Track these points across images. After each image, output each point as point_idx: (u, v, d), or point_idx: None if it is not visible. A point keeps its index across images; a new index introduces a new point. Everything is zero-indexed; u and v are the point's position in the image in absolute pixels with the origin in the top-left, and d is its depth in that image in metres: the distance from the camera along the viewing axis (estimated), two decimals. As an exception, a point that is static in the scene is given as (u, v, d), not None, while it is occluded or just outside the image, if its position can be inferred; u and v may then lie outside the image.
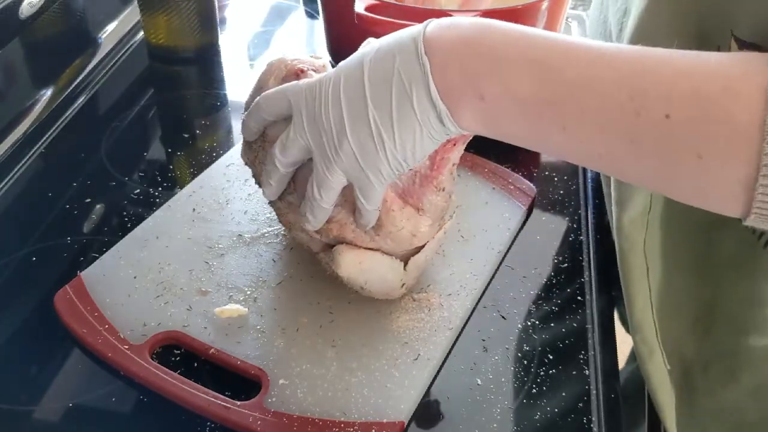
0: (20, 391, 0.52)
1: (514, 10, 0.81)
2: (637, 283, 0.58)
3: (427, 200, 0.53)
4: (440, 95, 0.42)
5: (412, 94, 0.42)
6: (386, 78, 0.43)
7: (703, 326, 0.54)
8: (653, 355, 0.58)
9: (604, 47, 0.39)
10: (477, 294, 0.60)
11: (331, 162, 0.46)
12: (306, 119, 0.46)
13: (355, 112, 0.44)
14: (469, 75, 0.41)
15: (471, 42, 0.41)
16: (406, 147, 0.44)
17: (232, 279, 0.60)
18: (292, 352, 0.54)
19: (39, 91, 0.85)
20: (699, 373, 0.56)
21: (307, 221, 0.51)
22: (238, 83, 0.92)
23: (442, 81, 0.41)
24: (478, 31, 0.41)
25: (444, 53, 0.41)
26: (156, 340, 0.54)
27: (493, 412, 0.52)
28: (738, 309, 0.52)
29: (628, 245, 0.57)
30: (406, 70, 0.42)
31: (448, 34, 0.42)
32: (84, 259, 0.63)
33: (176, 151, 0.79)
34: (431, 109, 0.42)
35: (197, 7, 0.91)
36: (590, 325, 0.60)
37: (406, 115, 0.43)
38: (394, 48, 0.43)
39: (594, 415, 0.52)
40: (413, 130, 0.43)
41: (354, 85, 0.44)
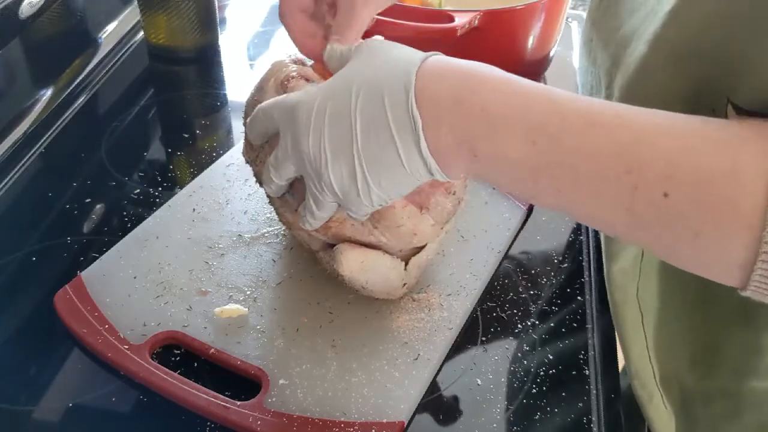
0: (20, 391, 0.52)
1: (513, 10, 0.81)
2: (633, 332, 0.57)
3: (435, 201, 0.52)
4: (431, 152, 0.41)
5: (402, 148, 0.41)
6: (375, 124, 0.41)
7: (703, 366, 0.54)
8: (653, 400, 0.58)
9: (603, 110, 0.38)
10: (477, 294, 0.60)
11: (320, 187, 0.45)
12: (290, 144, 0.45)
13: (336, 148, 0.43)
14: (462, 136, 0.40)
15: (464, 100, 0.39)
16: (390, 190, 0.43)
17: (232, 279, 0.60)
18: (292, 352, 0.54)
19: (39, 91, 0.85)
20: (700, 407, 0.55)
21: (305, 223, 0.51)
22: (238, 83, 0.92)
23: (434, 139, 0.40)
24: (472, 85, 0.40)
25: (436, 109, 0.40)
26: (156, 340, 0.54)
27: (493, 412, 0.52)
28: (739, 355, 0.51)
29: (621, 296, 0.57)
30: (397, 122, 0.40)
31: (440, 87, 0.40)
32: (84, 259, 0.63)
33: (176, 151, 0.79)
34: (421, 164, 0.41)
35: (197, 7, 0.91)
36: (590, 325, 0.60)
37: (394, 164, 0.42)
38: (385, 92, 0.41)
39: (594, 415, 0.53)
40: (400, 177, 0.42)
41: (340, 123, 0.42)
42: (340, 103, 0.42)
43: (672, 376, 0.57)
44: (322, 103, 0.43)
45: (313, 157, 0.44)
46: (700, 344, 0.54)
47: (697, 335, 0.54)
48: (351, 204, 0.45)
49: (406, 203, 0.52)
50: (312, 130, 0.43)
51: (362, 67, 0.43)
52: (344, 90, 0.43)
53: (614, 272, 0.57)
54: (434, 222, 0.53)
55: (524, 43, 0.84)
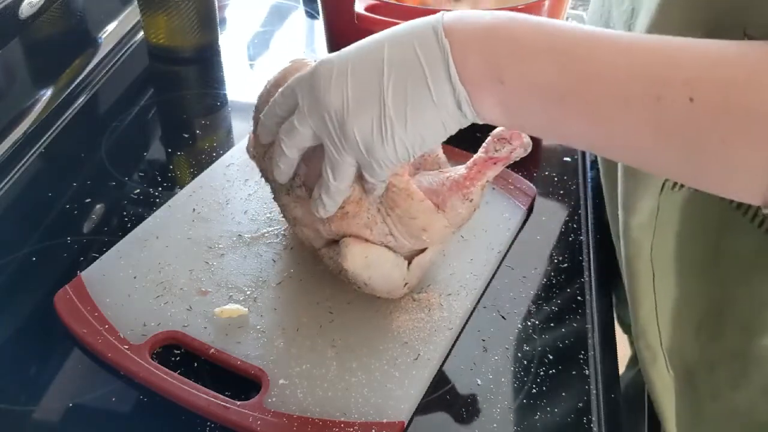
0: (20, 391, 0.52)
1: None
2: (643, 290, 0.57)
3: (452, 205, 0.53)
4: (460, 79, 0.41)
5: (431, 76, 0.41)
6: (404, 60, 0.42)
7: (708, 330, 0.54)
8: (656, 361, 0.58)
9: (627, 36, 0.39)
10: (477, 294, 0.60)
11: (340, 147, 0.45)
12: (308, 105, 0.45)
13: (363, 94, 0.43)
14: (490, 60, 0.41)
15: (492, 29, 0.41)
16: (416, 132, 0.43)
17: (232, 279, 0.60)
18: (292, 352, 0.54)
19: (39, 91, 0.85)
20: (704, 376, 0.55)
21: (321, 205, 0.50)
22: (238, 83, 0.92)
23: (462, 65, 0.41)
24: (499, 20, 0.41)
25: (465, 38, 0.41)
26: (156, 340, 0.54)
27: (493, 412, 0.52)
28: (748, 310, 0.51)
29: (635, 251, 0.56)
30: (426, 53, 0.41)
31: (468, 22, 0.42)
32: (84, 259, 0.63)
33: (176, 151, 0.79)
34: (450, 93, 0.42)
35: (197, 7, 0.91)
36: (590, 325, 0.60)
37: (422, 97, 0.42)
38: (412, 33, 0.42)
39: (594, 415, 0.52)
40: (427, 113, 0.43)
41: (368, 66, 0.43)
42: (366, 54, 0.43)
43: (678, 345, 0.56)
44: (342, 59, 0.44)
45: (335, 112, 0.44)
46: (709, 306, 0.54)
47: (706, 297, 0.54)
48: (374, 157, 0.45)
49: (424, 197, 0.52)
50: (333, 85, 0.44)
51: (388, 30, 0.44)
52: (369, 43, 0.44)
53: (632, 226, 0.56)
54: (448, 224, 0.53)
55: (524, 43, 0.84)
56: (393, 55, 0.42)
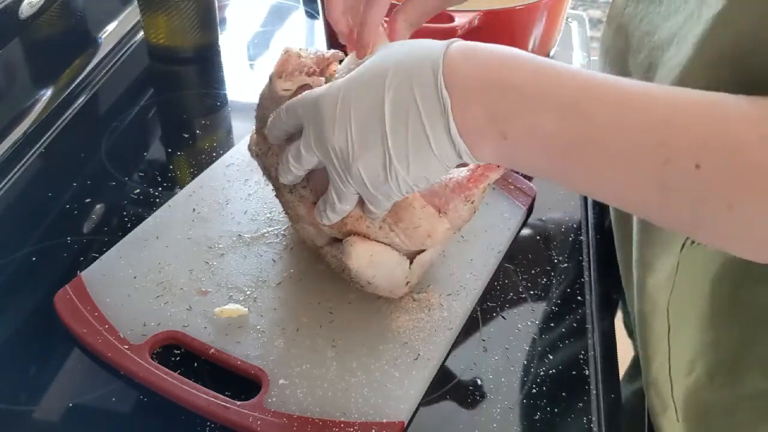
0: (20, 391, 0.52)
1: (513, 10, 0.81)
2: (657, 344, 0.56)
3: (453, 206, 0.53)
4: (460, 133, 0.40)
5: (431, 130, 0.41)
6: (404, 109, 0.41)
7: (724, 375, 0.53)
8: (666, 411, 0.57)
9: (634, 87, 0.38)
10: (477, 294, 0.60)
11: (344, 178, 0.45)
12: (314, 137, 0.45)
13: (366, 138, 0.42)
14: (492, 115, 0.39)
15: (495, 78, 0.39)
16: (419, 176, 0.43)
17: (232, 279, 0.60)
18: (292, 352, 0.54)
19: (39, 91, 0.85)
20: (720, 419, 0.54)
21: (325, 218, 0.50)
22: (238, 83, 0.92)
23: (462, 119, 0.40)
24: (502, 64, 0.40)
25: (465, 89, 0.40)
26: (156, 340, 0.54)
27: (493, 412, 0.52)
28: None
29: (651, 307, 0.56)
30: (425, 105, 0.40)
31: (470, 67, 0.40)
32: (84, 259, 0.63)
33: (176, 151, 0.79)
34: (450, 146, 0.41)
35: (197, 7, 0.91)
36: (590, 325, 0.60)
37: (422, 148, 0.41)
38: (413, 76, 0.41)
39: (594, 415, 0.52)
40: (428, 162, 0.42)
41: (367, 109, 0.42)
42: (366, 93, 0.42)
43: (690, 393, 0.56)
44: (346, 94, 0.43)
45: (339, 150, 0.44)
46: (725, 353, 0.53)
47: (722, 345, 0.53)
48: (378, 192, 0.45)
49: (424, 204, 0.52)
50: (337, 123, 0.43)
51: (385, 57, 0.43)
52: (369, 79, 0.43)
53: (648, 285, 0.55)
54: (450, 226, 0.54)
55: (524, 43, 0.84)
56: (394, 100, 0.41)
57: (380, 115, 0.42)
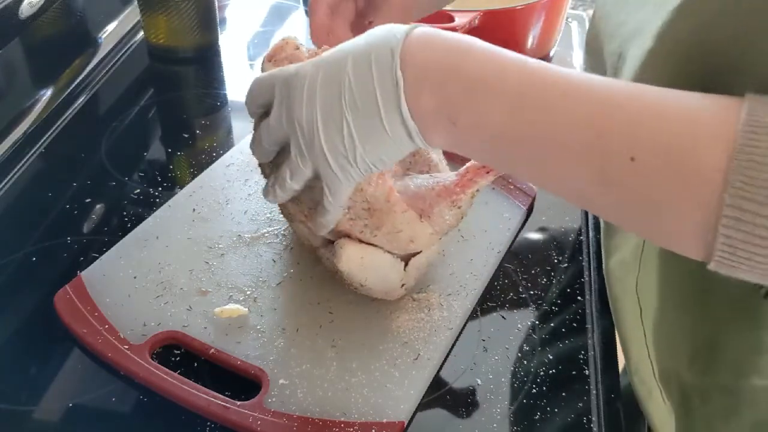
0: (20, 391, 0.52)
1: (513, 10, 0.81)
2: (632, 327, 0.57)
3: (439, 210, 0.53)
4: (412, 116, 0.41)
5: (384, 110, 0.42)
6: (362, 86, 0.42)
7: (701, 362, 0.54)
8: (652, 394, 0.58)
9: (578, 81, 0.39)
10: (477, 294, 0.60)
11: (304, 156, 0.46)
12: (285, 111, 0.46)
13: (329, 113, 0.44)
14: (442, 101, 0.41)
15: (448, 66, 0.40)
16: (374, 155, 0.44)
17: (232, 279, 0.60)
18: (292, 352, 0.54)
19: (39, 91, 0.85)
20: (698, 403, 0.55)
21: (271, 194, 0.51)
22: (238, 83, 0.92)
23: (415, 102, 0.41)
24: (455, 54, 0.41)
25: (419, 73, 0.41)
26: (156, 340, 0.54)
27: (493, 412, 0.52)
28: (739, 352, 0.51)
29: (620, 289, 0.57)
30: (381, 83, 0.42)
31: (426, 52, 0.41)
32: (84, 259, 0.63)
33: (176, 151, 0.79)
34: (401, 127, 0.42)
35: (197, 7, 0.91)
36: (590, 325, 0.60)
37: (376, 127, 0.42)
38: (372, 55, 0.42)
39: (594, 415, 0.53)
40: (382, 141, 0.43)
41: (333, 84, 0.43)
42: (332, 69, 0.44)
43: (671, 371, 0.57)
44: (315, 72, 0.44)
45: (306, 124, 0.45)
46: (700, 340, 0.54)
47: (697, 332, 0.54)
48: (339, 168, 0.45)
49: (406, 208, 0.52)
50: (306, 99, 0.44)
51: (356, 40, 0.45)
52: (337, 58, 0.44)
53: (612, 264, 0.57)
54: (433, 231, 0.53)
55: (524, 43, 0.84)
56: (354, 78, 0.43)
57: (341, 90, 0.43)
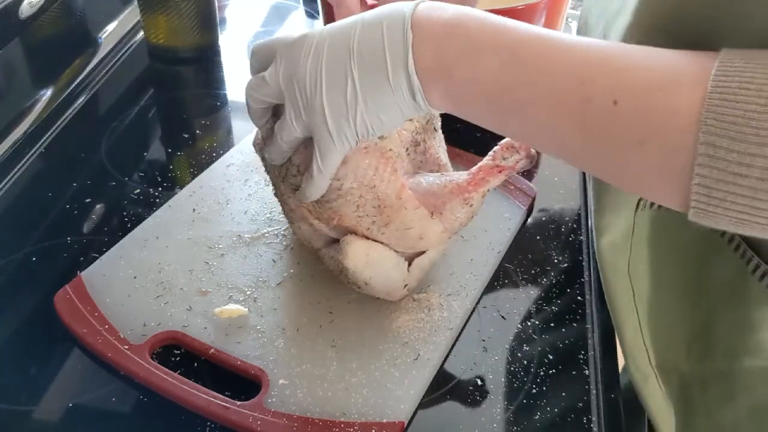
0: (20, 391, 0.52)
1: (514, 10, 0.81)
2: (625, 310, 0.58)
3: (450, 208, 0.53)
4: (416, 70, 0.43)
5: (391, 64, 0.44)
6: (372, 43, 0.44)
7: (698, 349, 0.54)
8: (648, 381, 0.58)
9: (567, 38, 0.41)
10: (477, 294, 0.60)
11: (300, 113, 0.47)
12: (283, 68, 0.47)
13: (335, 70, 0.45)
14: (442, 54, 0.43)
15: (450, 25, 0.43)
16: (376, 113, 0.45)
17: (232, 279, 0.60)
18: (292, 352, 0.54)
19: (39, 91, 0.85)
20: (697, 392, 0.55)
21: (268, 153, 0.52)
22: (238, 83, 0.92)
23: (420, 57, 0.43)
24: (460, 16, 0.43)
25: (426, 32, 0.43)
26: (156, 340, 0.54)
27: (493, 412, 0.52)
28: (731, 334, 0.52)
29: (611, 271, 0.57)
30: (390, 40, 0.44)
31: (433, 15, 0.43)
32: (84, 259, 0.63)
33: (176, 151, 0.79)
34: (405, 81, 0.44)
35: (197, 7, 0.91)
36: (590, 325, 0.60)
37: (381, 82, 0.44)
38: (385, 16, 0.44)
39: (594, 415, 0.53)
40: (386, 98, 0.45)
41: (341, 44, 0.45)
42: (341, 33, 0.46)
43: (670, 363, 0.57)
44: (322, 37, 0.46)
45: (308, 83, 0.46)
46: (696, 327, 0.54)
47: (692, 318, 0.54)
48: (336, 127, 0.46)
49: (418, 205, 0.52)
50: (311, 60, 0.46)
51: (365, 13, 0.46)
52: (346, 23, 0.46)
53: (603, 246, 0.58)
54: (444, 229, 0.53)
55: (524, 43, 0.84)
56: (363, 37, 0.45)
57: (349, 49, 0.45)
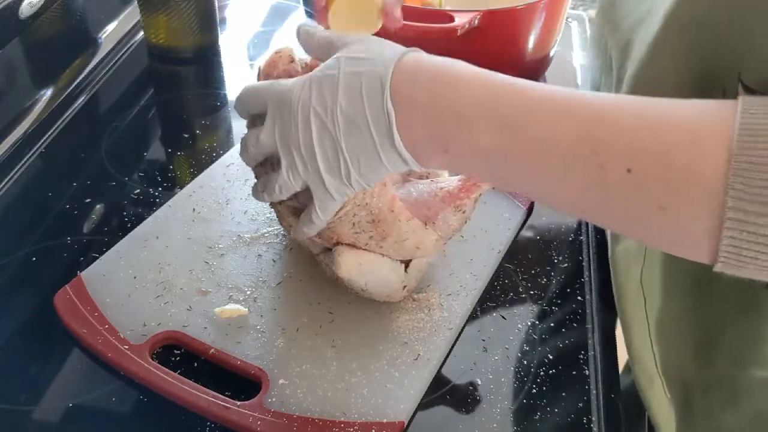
0: (20, 391, 0.52)
1: (513, 10, 0.81)
2: (635, 315, 0.57)
3: (443, 216, 0.53)
4: (405, 146, 0.42)
5: (379, 141, 0.43)
6: (355, 118, 0.43)
7: (703, 354, 0.54)
8: (653, 384, 0.58)
9: (567, 97, 0.39)
10: (477, 294, 0.60)
11: (297, 173, 0.47)
12: (278, 130, 0.47)
13: (326, 146, 0.44)
14: (433, 132, 0.41)
15: (436, 96, 0.41)
16: (370, 177, 0.45)
17: (232, 279, 0.60)
18: (292, 352, 0.54)
19: (39, 91, 0.85)
20: (699, 395, 0.55)
21: (259, 197, 0.52)
22: (238, 83, 0.92)
23: (407, 134, 0.42)
24: (442, 85, 0.41)
25: (409, 106, 0.42)
26: (156, 340, 0.54)
27: (493, 412, 0.52)
28: (740, 344, 0.51)
29: (624, 277, 0.57)
30: (373, 116, 0.42)
31: (414, 85, 0.42)
32: (84, 259, 0.63)
33: (176, 151, 0.79)
34: (396, 156, 0.43)
35: (197, 7, 0.91)
36: (590, 325, 0.60)
37: (372, 156, 0.43)
38: (363, 88, 0.43)
39: (594, 416, 0.53)
40: (379, 168, 0.44)
41: (325, 114, 0.44)
42: (324, 93, 0.44)
43: (674, 365, 0.57)
44: (307, 94, 0.45)
45: (303, 148, 0.45)
46: (703, 332, 0.54)
47: (701, 323, 0.54)
48: (333, 187, 0.46)
49: (410, 216, 0.52)
50: (301, 124, 0.45)
51: (346, 60, 0.45)
52: (328, 78, 0.44)
53: (618, 252, 0.57)
54: (438, 237, 0.54)
55: (524, 43, 0.84)
56: (346, 107, 0.43)
57: (334, 119, 0.44)
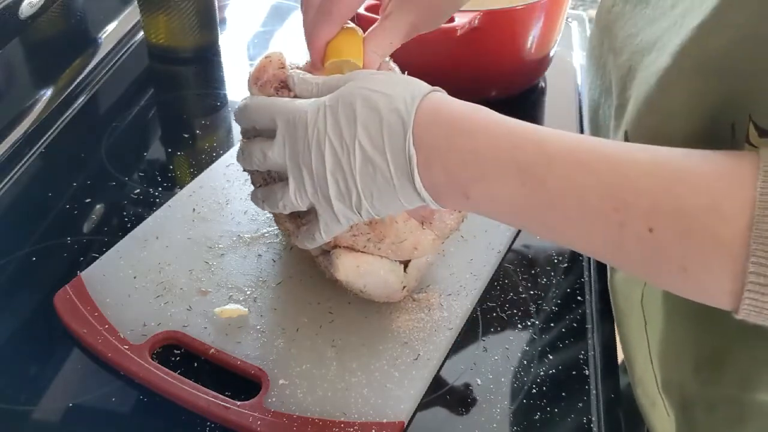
0: (20, 391, 0.52)
1: (513, 10, 0.81)
2: (636, 339, 0.57)
3: (440, 216, 0.53)
4: (425, 187, 0.43)
5: (398, 181, 0.43)
6: (374, 155, 0.43)
7: (707, 372, 0.54)
8: (655, 405, 0.57)
9: (589, 150, 0.39)
10: (477, 294, 0.60)
11: (305, 194, 0.46)
12: (288, 151, 0.46)
13: (339, 170, 0.44)
14: (453, 177, 0.42)
15: (456, 143, 0.42)
16: (382, 210, 0.45)
17: (232, 279, 0.60)
18: (292, 352, 0.54)
19: (39, 91, 0.85)
20: (703, 413, 0.55)
21: (260, 205, 0.52)
22: (238, 83, 0.92)
23: (428, 177, 0.42)
24: (462, 129, 0.42)
25: (430, 149, 0.42)
26: (156, 340, 0.54)
27: (493, 412, 0.52)
28: (745, 367, 0.51)
29: (624, 302, 0.57)
30: (394, 157, 0.42)
31: (435, 128, 0.42)
32: (84, 259, 0.63)
33: (176, 151, 0.79)
34: (415, 195, 0.43)
35: (197, 7, 0.91)
36: (590, 325, 0.60)
37: (389, 192, 0.44)
38: (384, 128, 0.43)
39: (594, 415, 0.53)
40: (393, 203, 0.44)
41: (341, 143, 0.44)
42: (341, 128, 0.44)
43: (674, 380, 0.56)
44: (323, 120, 0.44)
45: (316, 174, 0.45)
46: (706, 351, 0.53)
47: (703, 343, 0.54)
48: (340, 213, 0.46)
49: (407, 217, 0.52)
50: (314, 149, 0.45)
51: (362, 92, 0.44)
52: (345, 116, 0.44)
53: (617, 280, 0.57)
54: (435, 237, 0.54)
55: (524, 43, 0.84)
56: (366, 145, 0.43)
57: (352, 156, 0.43)
